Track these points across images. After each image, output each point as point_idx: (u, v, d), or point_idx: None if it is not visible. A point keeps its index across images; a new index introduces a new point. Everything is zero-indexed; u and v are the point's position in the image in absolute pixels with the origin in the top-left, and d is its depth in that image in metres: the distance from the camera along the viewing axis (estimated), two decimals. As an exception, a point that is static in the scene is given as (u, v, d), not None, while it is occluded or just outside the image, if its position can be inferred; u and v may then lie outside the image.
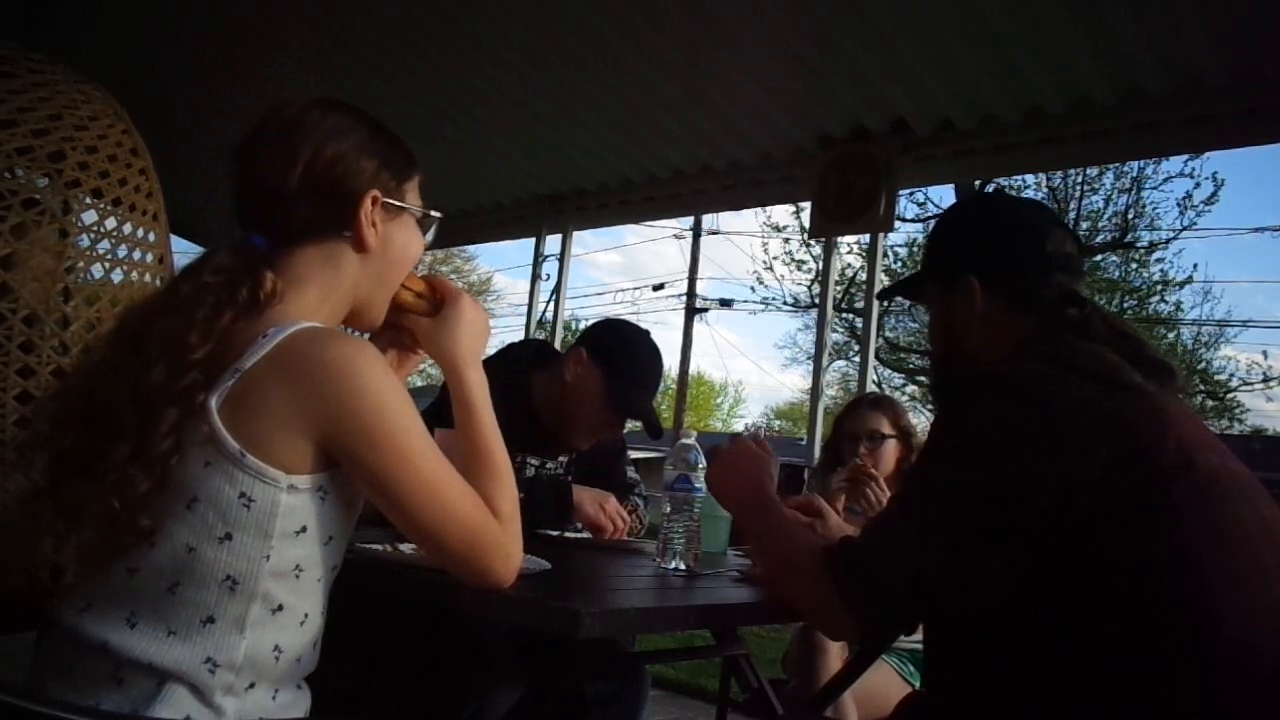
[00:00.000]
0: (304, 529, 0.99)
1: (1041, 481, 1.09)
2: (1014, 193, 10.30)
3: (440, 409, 1.81)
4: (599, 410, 2.00)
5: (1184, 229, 12.32)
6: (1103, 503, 1.07)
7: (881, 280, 4.45)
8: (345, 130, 1.12)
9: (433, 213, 1.21)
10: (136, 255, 1.87)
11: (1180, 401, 1.25)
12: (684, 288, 18.75)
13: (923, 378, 14.83)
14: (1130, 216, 12.64)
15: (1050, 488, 1.09)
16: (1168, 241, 12.75)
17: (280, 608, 0.99)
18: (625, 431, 2.30)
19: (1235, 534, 1.08)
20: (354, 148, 1.11)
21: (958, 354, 1.40)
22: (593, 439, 2.09)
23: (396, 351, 1.31)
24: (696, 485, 1.52)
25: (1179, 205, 12.12)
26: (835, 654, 2.18)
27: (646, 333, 2.12)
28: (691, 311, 18.71)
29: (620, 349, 2.06)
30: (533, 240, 5.47)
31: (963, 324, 1.38)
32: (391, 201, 1.13)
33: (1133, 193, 12.53)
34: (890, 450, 2.50)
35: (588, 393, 1.98)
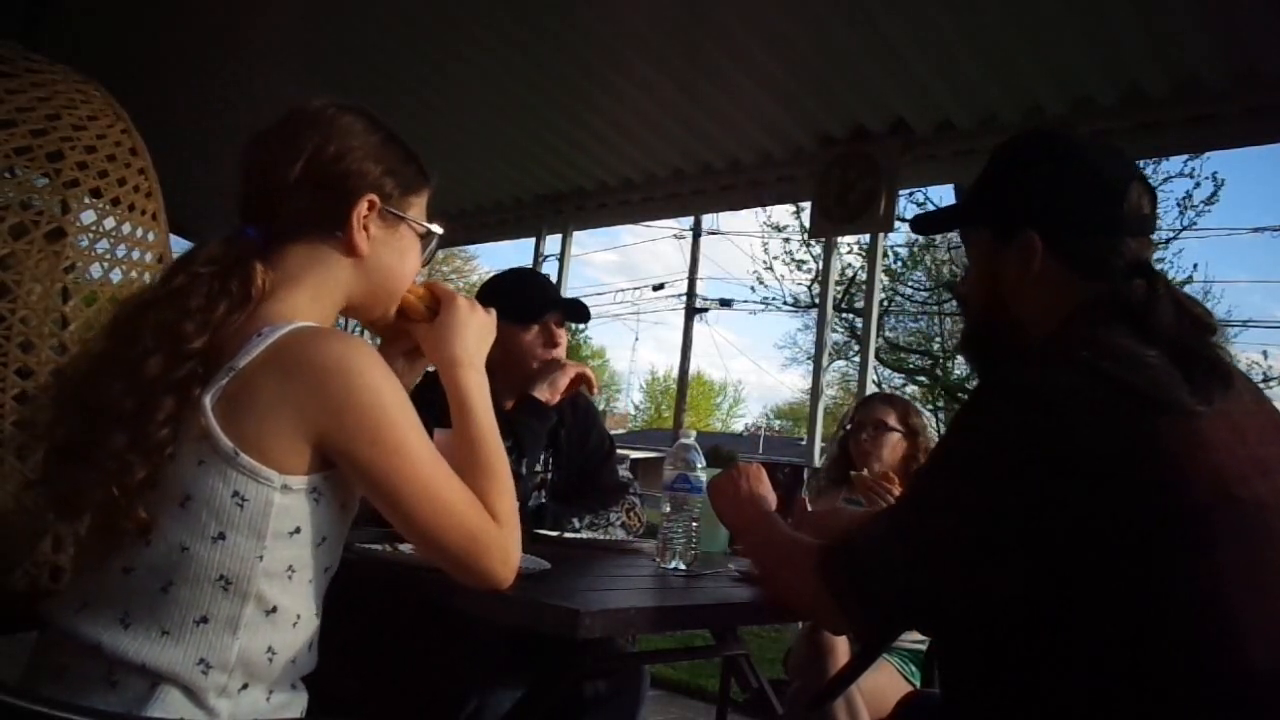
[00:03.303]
0: (297, 530, 0.99)
1: (1058, 508, 1.03)
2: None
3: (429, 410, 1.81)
4: (524, 338, 2.03)
5: (1184, 229, 12.32)
6: (1122, 536, 1.02)
7: (881, 280, 4.46)
8: (357, 132, 1.12)
9: (435, 228, 1.19)
10: (136, 255, 1.87)
11: (1237, 414, 1.09)
12: (683, 288, 18.75)
13: (923, 377, 14.83)
14: (1130, 216, 12.62)
15: (1066, 516, 1.03)
16: (1168, 241, 12.71)
17: (274, 609, 0.98)
18: (617, 433, 2.31)
19: (1272, 574, 1.01)
20: (361, 149, 1.11)
21: (1001, 316, 1.27)
22: (548, 370, 2.06)
23: (406, 359, 1.31)
24: (696, 485, 1.52)
25: (1179, 205, 12.11)
26: (842, 656, 2.17)
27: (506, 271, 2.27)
28: (691, 311, 18.71)
29: (486, 295, 2.12)
30: (533, 240, 5.48)
31: (1015, 284, 1.23)
32: (390, 210, 1.13)
33: (1133, 192, 12.51)
34: (894, 443, 2.52)
35: (504, 339, 1.99)
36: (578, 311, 2.15)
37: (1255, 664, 0.98)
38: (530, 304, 2.07)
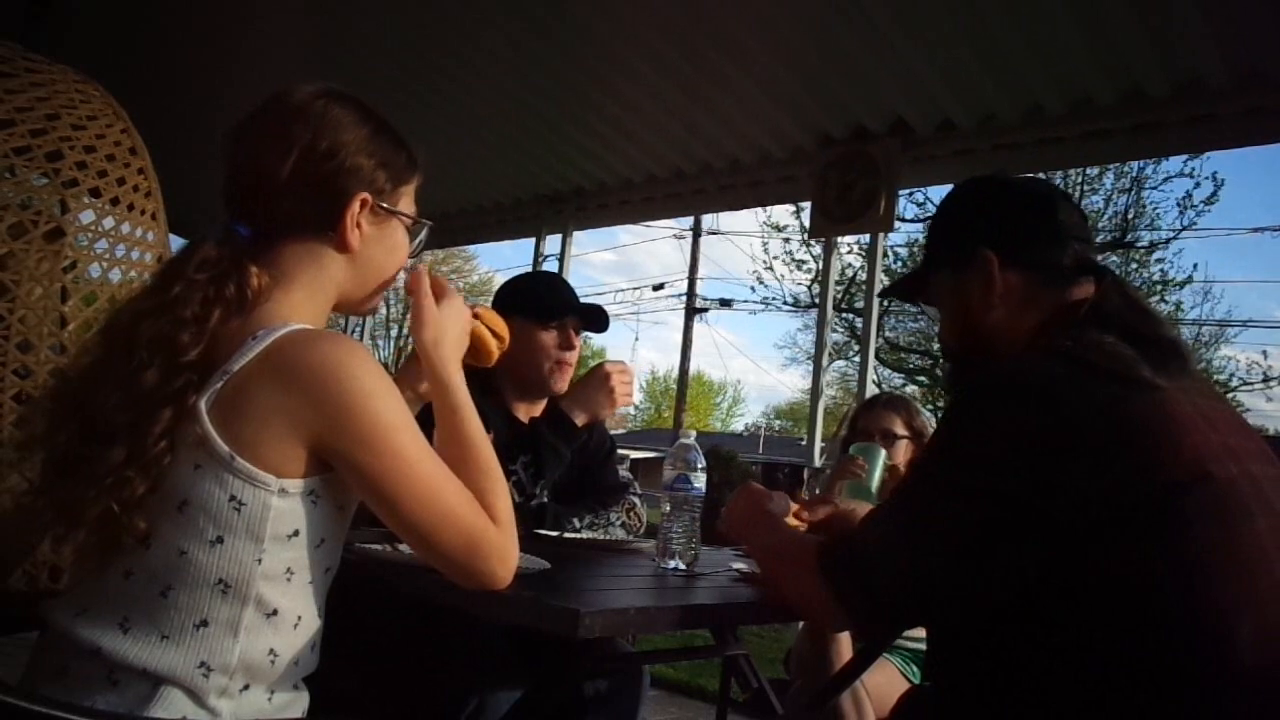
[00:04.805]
0: (296, 532, 0.98)
1: (1056, 489, 1.05)
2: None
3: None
4: (542, 337, 2.02)
5: (1184, 229, 12.32)
6: (1113, 514, 1.04)
7: (881, 280, 4.45)
8: (348, 124, 1.10)
9: (424, 220, 1.19)
10: (135, 255, 1.87)
11: (1198, 392, 1.17)
12: (683, 288, 18.76)
13: (923, 378, 14.83)
14: (1130, 216, 12.64)
15: (1064, 496, 1.05)
16: (1168, 241, 12.73)
17: (274, 611, 0.98)
18: (617, 433, 2.30)
19: (1250, 551, 1.03)
20: (353, 143, 1.09)
21: (976, 340, 1.33)
22: (563, 373, 2.07)
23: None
24: (695, 485, 1.52)
25: (1179, 205, 12.11)
26: (845, 654, 2.17)
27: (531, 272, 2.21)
28: (691, 311, 18.72)
29: (508, 292, 2.14)
30: (533, 240, 5.48)
31: (981, 304, 1.31)
32: (383, 205, 1.12)
33: (1133, 193, 12.52)
34: (902, 450, 2.52)
35: (521, 336, 1.91)
36: (598, 320, 2.13)
37: (1241, 641, 0.99)
38: (553, 305, 2.07)
